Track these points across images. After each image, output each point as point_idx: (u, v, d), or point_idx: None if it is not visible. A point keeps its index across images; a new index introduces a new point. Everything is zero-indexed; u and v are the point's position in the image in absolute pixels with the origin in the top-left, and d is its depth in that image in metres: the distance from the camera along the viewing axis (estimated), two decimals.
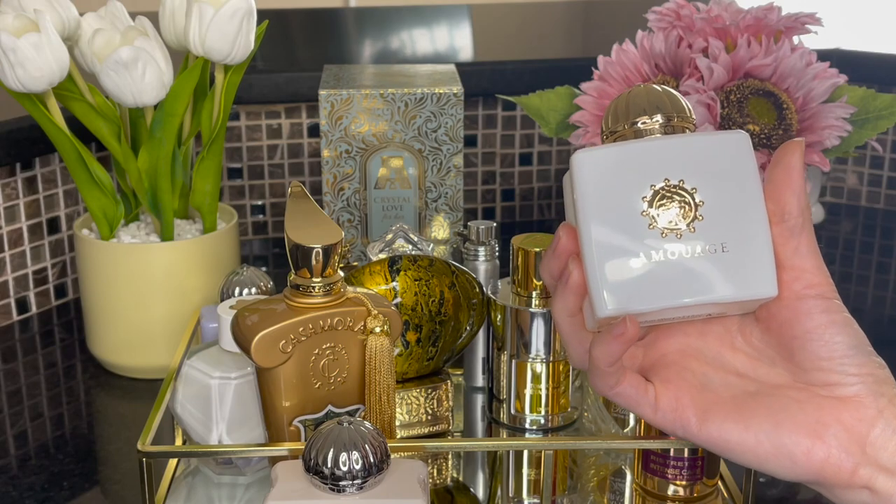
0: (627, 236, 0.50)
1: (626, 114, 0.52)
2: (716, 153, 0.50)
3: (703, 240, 0.50)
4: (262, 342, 0.65)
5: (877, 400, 0.50)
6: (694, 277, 0.50)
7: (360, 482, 0.59)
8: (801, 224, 0.50)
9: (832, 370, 0.50)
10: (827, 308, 0.51)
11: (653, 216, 0.50)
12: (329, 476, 0.59)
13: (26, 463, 0.82)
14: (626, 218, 0.50)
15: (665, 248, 0.50)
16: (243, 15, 0.85)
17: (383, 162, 0.93)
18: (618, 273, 0.50)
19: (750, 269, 0.50)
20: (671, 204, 0.50)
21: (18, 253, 1.05)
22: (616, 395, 0.53)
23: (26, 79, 0.82)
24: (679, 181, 0.50)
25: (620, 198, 0.50)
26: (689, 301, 0.50)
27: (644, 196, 0.50)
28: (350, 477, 0.59)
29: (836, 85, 0.92)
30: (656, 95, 0.53)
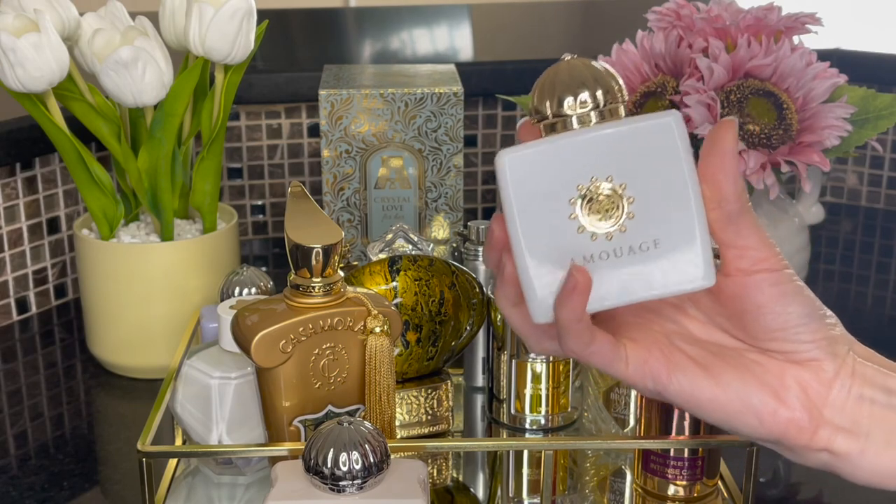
0: (556, 241, 0.48)
1: (552, 95, 0.49)
2: (644, 142, 0.47)
3: (634, 238, 0.48)
4: (262, 342, 0.65)
5: (833, 360, 0.51)
6: (627, 278, 0.49)
7: (360, 482, 0.59)
8: (738, 209, 0.49)
9: (787, 339, 0.51)
10: (776, 280, 0.50)
11: (581, 218, 0.48)
12: (329, 476, 0.59)
13: (26, 463, 0.82)
14: (554, 222, 0.48)
15: (595, 251, 0.48)
16: (243, 15, 0.85)
17: (383, 162, 0.93)
18: (548, 280, 0.49)
19: (683, 262, 0.48)
20: (599, 204, 0.48)
21: (18, 253, 1.05)
22: (591, 353, 0.51)
23: (26, 79, 0.82)
24: (607, 178, 0.48)
25: (546, 201, 0.48)
26: (623, 302, 0.49)
27: (571, 198, 0.48)
28: (350, 477, 0.59)
29: (836, 85, 0.92)
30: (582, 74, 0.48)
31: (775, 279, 0.50)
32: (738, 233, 0.50)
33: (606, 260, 0.48)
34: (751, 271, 0.50)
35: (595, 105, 0.48)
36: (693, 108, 0.88)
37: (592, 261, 0.48)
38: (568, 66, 0.49)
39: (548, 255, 0.48)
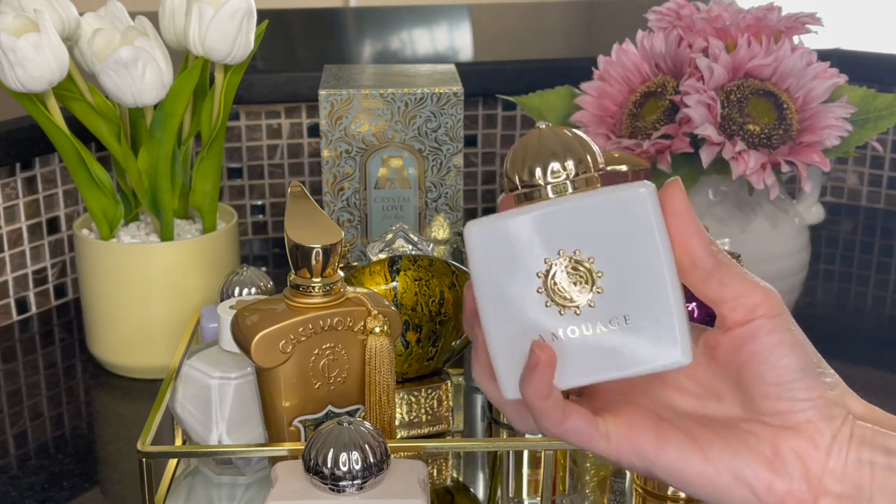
0: (523, 316, 0.46)
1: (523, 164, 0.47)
2: (613, 215, 0.46)
3: (604, 314, 0.46)
4: (262, 342, 0.64)
5: (830, 424, 0.48)
6: (598, 355, 0.47)
7: (360, 482, 0.59)
8: (713, 262, 0.47)
9: (781, 396, 0.48)
10: (772, 328, 0.47)
11: (549, 293, 0.46)
12: (329, 476, 0.59)
13: (26, 463, 0.82)
14: (521, 297, 0.46)
15: (564, 328, 0.46)
16: (243, 15, 0.85)
17: (383, 162, 0.93)
18: (518, 356, 0.47)
19: (658, 339, 0.46)
20: (567, 279, 0.46)
21: (18, 253, 1.05)
22: (565, 431, 0.48)
23: (26, 79, 0.82)
24: (574, 252, 0.46)
25: (513, 274, 0.46)
26: (595, 380, 0.47)
27: (539, 272, 0.46)
28: (350, 477, 0.59)
29: (836, 85, 0.92)
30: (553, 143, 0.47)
31: (771, 326, 0.48)
32: (722, 284, 0.48)
33: (575, 336, 0.47)
34: (746, 320, 0.48)
35: (566, 175, 0.47)
36: (693, 108, 0.88)
37: (559, 337, 0.47)
38: (540, 134, 0.48)
39: (515, 329, 0.47)
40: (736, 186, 0.94)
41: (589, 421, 0.48)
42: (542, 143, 0.47)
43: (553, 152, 0.47)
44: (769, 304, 0.48)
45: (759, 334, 0.47)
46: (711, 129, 0.88)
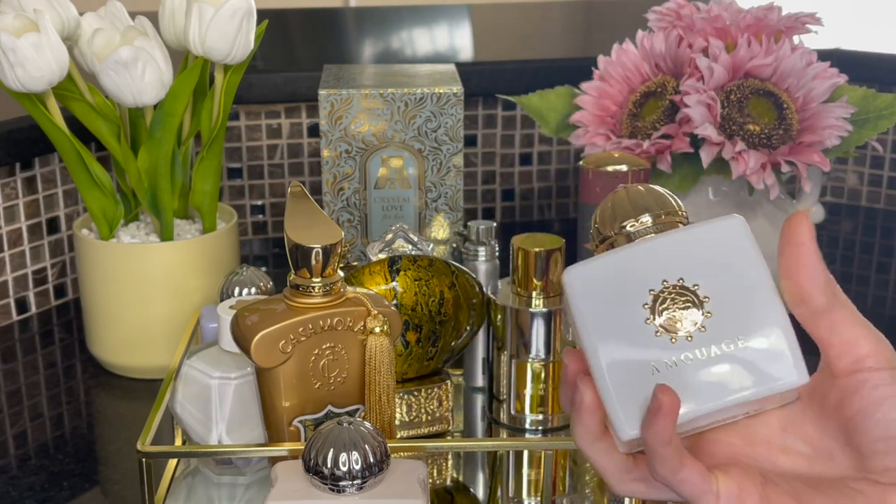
0: (635, 350, 0.47)
1: (613, 219, 0.49)
2: (711, 243, 0.47)
3: (717, 338, 0.46)
4: (262, 342, 0.64)
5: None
6: (716, 380, 0.46)
7: (360, 482, 0.59)
8: (826, 302, 0.46)
9: (889, 452, 0.46)
10: (879, 381, 0.46)
11: (658, 323, 0.47)
12: (329, 476, 0.59)
13: (26, 463, 0.82)
14: (631, 330, 0.47)
15: (677, 355, 0.46)
16: (243, 15, 0.85)
17: (383, 162, 0.93)
18: (633, 391, 0.46)
19: (771, 360, 0.46)
20: (674, 306, 0.47)
21: (18, 253, 1.05)
22: (680, 481, 0.47)
23: (26, 79, 0.82)
24: (678, 280, 0.47)
25: (620, 310, 0.47)
26: (715, 406, 0.47)
27: (645, 303, 0.47)
28: (350, 477, 0.59)
29: (836, 85, 0.92)
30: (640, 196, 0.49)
31: (878, 380, 0.46)
32: (833, 328, 0.46)
33: (690, 363, 0.47)
34: (852, 370, 0.46)
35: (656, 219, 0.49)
36: (693, 107, 0.88)
37: (675, 366, 0.47)
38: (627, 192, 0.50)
39: (628, 365, 0.47)
40: (736, 186, 0.94)
41: (703, 475, 0.47)
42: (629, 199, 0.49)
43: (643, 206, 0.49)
44: (878, 356, 0.46)
45: (864, 388, 0.46)
46: (711, 129, 0.88)
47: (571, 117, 0.97)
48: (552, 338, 0.78)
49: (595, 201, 0.85)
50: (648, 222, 0.48)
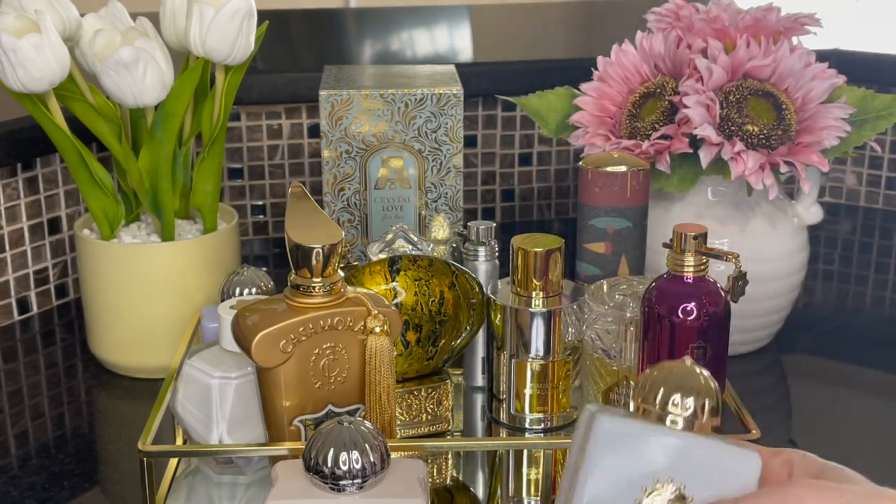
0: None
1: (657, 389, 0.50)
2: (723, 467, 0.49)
3: None
4: (263, 342, 0.65)
5: None
6: None
7: (361, 482, 0.59)
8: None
9: None
10: None
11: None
12: (329, 475, 0.59)
13: (27, 462, 0.82)
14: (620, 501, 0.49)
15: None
16: (244, 15, 0.85)
17: (383, 162, 0.93)
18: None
19: None
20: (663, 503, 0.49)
21: (19, 253, 1.05)
22: None
23: (27, 79, 0.82)
24: (679, 486, 0.49)
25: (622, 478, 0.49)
26: None
27: (644, 486, 0.49)
28: (350, 476, 0.59)
29: (834, 85, 0.92)
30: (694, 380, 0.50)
31: None
32: None
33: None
34: None
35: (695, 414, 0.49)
36: (692, 108, 0.88)
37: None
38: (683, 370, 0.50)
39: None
40: (735, 187, 0.94)
41: None
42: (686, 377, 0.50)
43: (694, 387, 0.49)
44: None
45: None
46: (710, 129, 0.88)
47: (571, 118, 0.98)
48: (552, 337, 0.78)
49: (595, 202, 0.85)
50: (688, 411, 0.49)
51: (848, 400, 0.94)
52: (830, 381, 0.97)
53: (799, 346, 1.00)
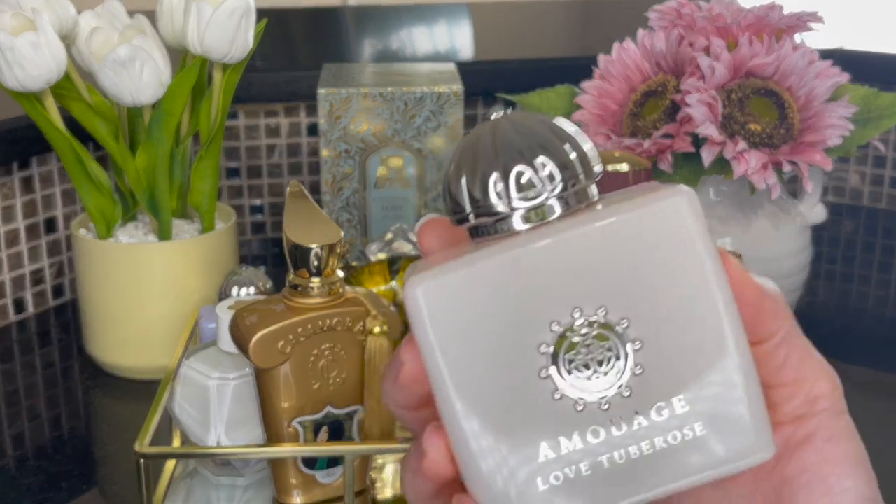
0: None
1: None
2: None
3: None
4: (261, 342, 0.64)
5: None
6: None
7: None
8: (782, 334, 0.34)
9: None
10: (833, 433, 0.34)
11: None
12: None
13: (24, 464, 0.82)
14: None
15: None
16: (242, 13, 0.84)
17: (383, 161, 0.92)
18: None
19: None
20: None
21: (15, 253, 1.04)
22: None
23: (24, 78, 0.81)
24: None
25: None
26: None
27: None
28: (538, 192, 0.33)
29: (838, 84, 0.91)
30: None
31: (833, 430, 0.34)
32: (787, 361, 0.34)
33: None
34: (800, 415, 0.34)
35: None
36: (694, 107, 0.88)
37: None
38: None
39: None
40: (737, 186, 0.94)
41: None
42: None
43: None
44: (834, 396, 0.35)
45: (816, 438, 0.34)
46: (712, 128, 0.87)
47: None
48: None
49: None
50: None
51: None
52: None
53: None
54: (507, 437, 0.31)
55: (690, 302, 0.31)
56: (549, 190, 0.31)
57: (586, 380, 0.31)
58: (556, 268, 0.30)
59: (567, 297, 0.30)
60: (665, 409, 0.31)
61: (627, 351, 0.31)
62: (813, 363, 0.35)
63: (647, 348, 0.31)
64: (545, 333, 0.30)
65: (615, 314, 0.30)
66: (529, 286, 0.30)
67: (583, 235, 0.30)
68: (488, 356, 0.31)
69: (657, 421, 0.31)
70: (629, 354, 0.31)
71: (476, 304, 0.30)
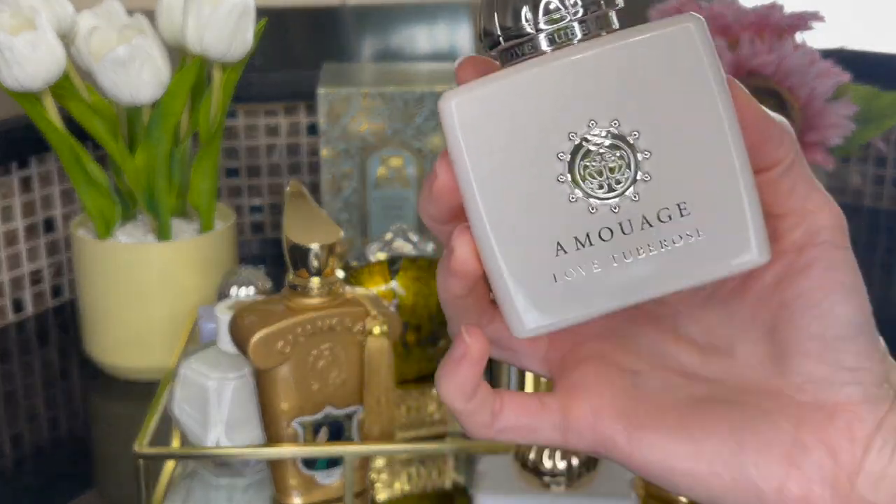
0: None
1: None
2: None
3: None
4: (260, 343, 0.64)
5: (875, 408, 0.35)
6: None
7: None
8: (787, 163, 0.35)
9: (823, 358, 0.35)
10: (833, 263, 0.35)
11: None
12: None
13: (23, 465, 0.82)
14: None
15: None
16: (241, 12, 0.84)
17: (382, 161, 0.92)
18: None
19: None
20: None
21: (14, 253, 1.04)
22: (500, 433, 0.37)
23: (23, 77, 0.81)
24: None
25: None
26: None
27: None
28: None
29: (839, 83, 0.91)
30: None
31: (833, 260, 0.35)
32: (794, 190, 0.35)
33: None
34: (804, 244, 0.35)
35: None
36: None
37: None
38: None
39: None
40: None
41: (531, 412, 0.37)
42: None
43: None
44: (837, 230, 0.35)
45: (814, 267, 0.35)
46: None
47: None
48: None
49: None
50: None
51: None
52: None
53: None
54: (527, 237, 0.34)
55: (697, 119, 0.34)
56: (573, 14, 0.34)
57: (599, 186, 0.34)
58: (575, 84, 0.33)
59: (584, 110, 0.33)
60: (670, 213, 0.34)
61: (638, 159, 0.34)
62: (818, 195, 0.35)
63: (656, 158, 0.34)
64: (564, 143, 0.34)
65: (627, 126, 0.34)
66: (551, 99, 0.33)
67: (599, 55, 0.34)
68: (514, 163, 0.34)
69: (663, 225, 0.34)
70: (639, 163, 0.34)
71: (503, 115, 0.34)
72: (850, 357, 0.36)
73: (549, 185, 0.34)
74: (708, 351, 0.37)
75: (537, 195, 0.34)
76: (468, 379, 0.36)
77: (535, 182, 0.34)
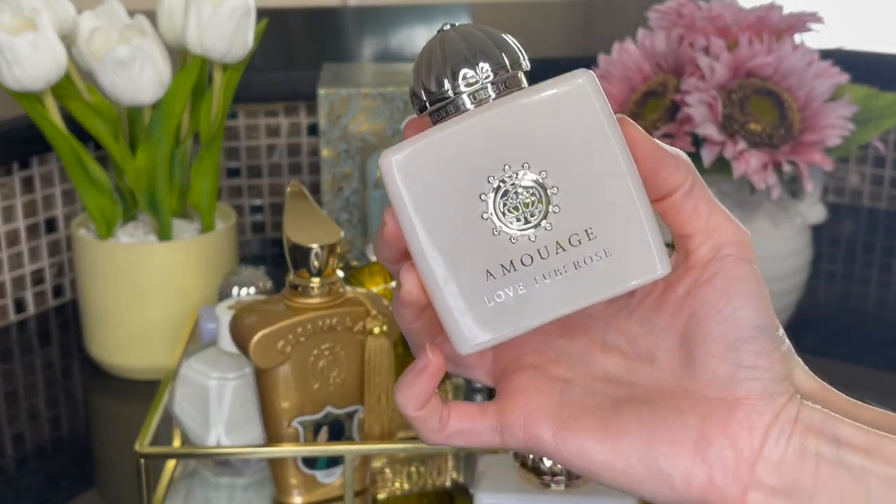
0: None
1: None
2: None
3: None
4: (261, 342, 0.64)
5: (772, 402, 0.40)
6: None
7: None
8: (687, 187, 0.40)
9: (725, 358, 0.40)
10: (737, 273, 0.40)
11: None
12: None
13: (24, 464, 0.82)
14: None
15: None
16: (242, 13, 0.84)
17: None
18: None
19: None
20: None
21: (16, 253, 1.04)
22: (448, 438, 0.43)
23: (24, 78, 0.81)
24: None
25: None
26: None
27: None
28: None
29: (838, 84, 0.91)
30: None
31: (736, 271, 0.40)
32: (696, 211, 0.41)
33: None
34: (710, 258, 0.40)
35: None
36: (694, 107, 0.88)
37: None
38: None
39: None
40: (737, 186, 0.94)
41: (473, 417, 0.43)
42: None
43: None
44: (740, 245, 0.41)
45: (718, 278, 0.40)
46: (713, 128, 0.87)
47: None
48: None
49: None
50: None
51: None
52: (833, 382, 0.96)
53: (801, 347, 0.99)
54: (462, 267, 0.40)
55: (595, 156, 0.40)
56: (484, 78, 0.40)
57: (516, 219, 0.40)
58: (491, 135, 0.39)
59: (499, 156, 0.39)
60: (580, 238, 0.40)
61: (548, 195, 0.40)
62: (721, 215, 0.41)
63: (563, 193, 0.40)
64: (485, 185, 0.39)
65: (536, 167, 0.39)
66: (471, 150, 0.39)
67: (510, 110, 0.39)
68: (446, 206, 0.40)
69: (574, 248, 0.40)
70: (549, 197, 0.40)
71: (434, 166, 0.39)
72: (750, 356, 0.40)
73: (476, 222, 0.40)
74: (632, 358, 0.43)
75: (467, 231, 0.40)
76: (423, 390, 0.42)
77: (464, 220, 0.40)
